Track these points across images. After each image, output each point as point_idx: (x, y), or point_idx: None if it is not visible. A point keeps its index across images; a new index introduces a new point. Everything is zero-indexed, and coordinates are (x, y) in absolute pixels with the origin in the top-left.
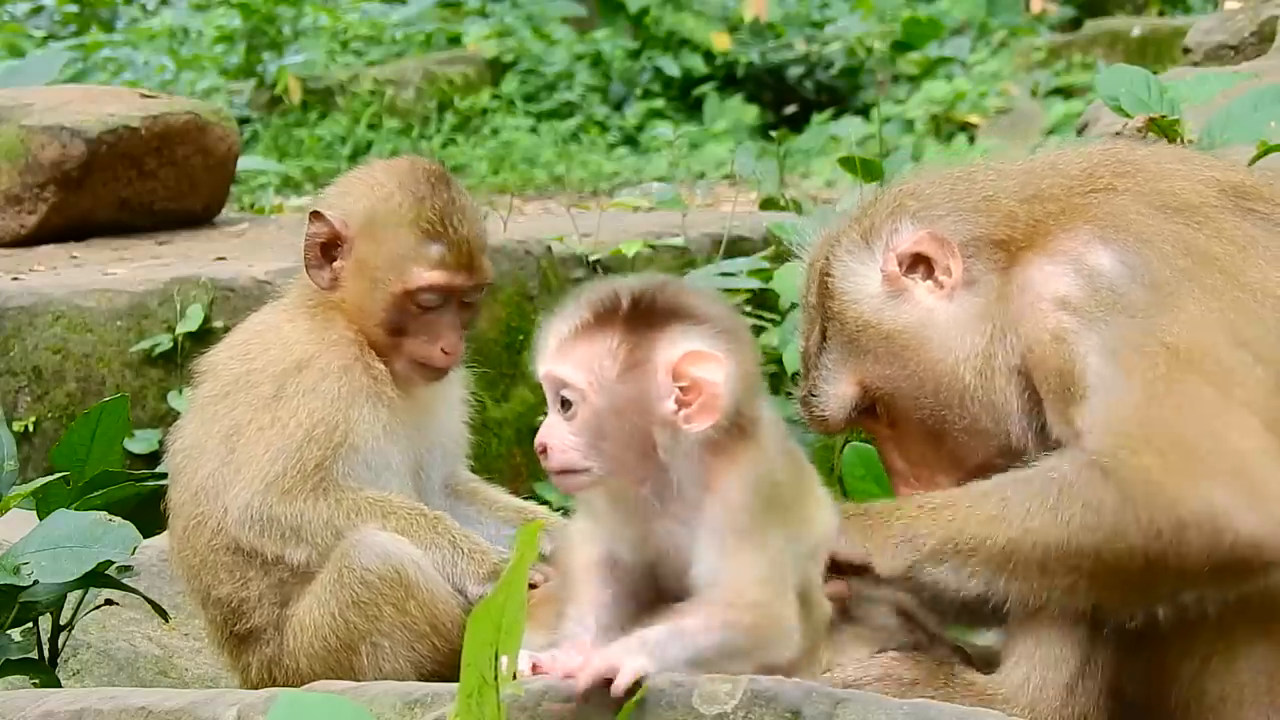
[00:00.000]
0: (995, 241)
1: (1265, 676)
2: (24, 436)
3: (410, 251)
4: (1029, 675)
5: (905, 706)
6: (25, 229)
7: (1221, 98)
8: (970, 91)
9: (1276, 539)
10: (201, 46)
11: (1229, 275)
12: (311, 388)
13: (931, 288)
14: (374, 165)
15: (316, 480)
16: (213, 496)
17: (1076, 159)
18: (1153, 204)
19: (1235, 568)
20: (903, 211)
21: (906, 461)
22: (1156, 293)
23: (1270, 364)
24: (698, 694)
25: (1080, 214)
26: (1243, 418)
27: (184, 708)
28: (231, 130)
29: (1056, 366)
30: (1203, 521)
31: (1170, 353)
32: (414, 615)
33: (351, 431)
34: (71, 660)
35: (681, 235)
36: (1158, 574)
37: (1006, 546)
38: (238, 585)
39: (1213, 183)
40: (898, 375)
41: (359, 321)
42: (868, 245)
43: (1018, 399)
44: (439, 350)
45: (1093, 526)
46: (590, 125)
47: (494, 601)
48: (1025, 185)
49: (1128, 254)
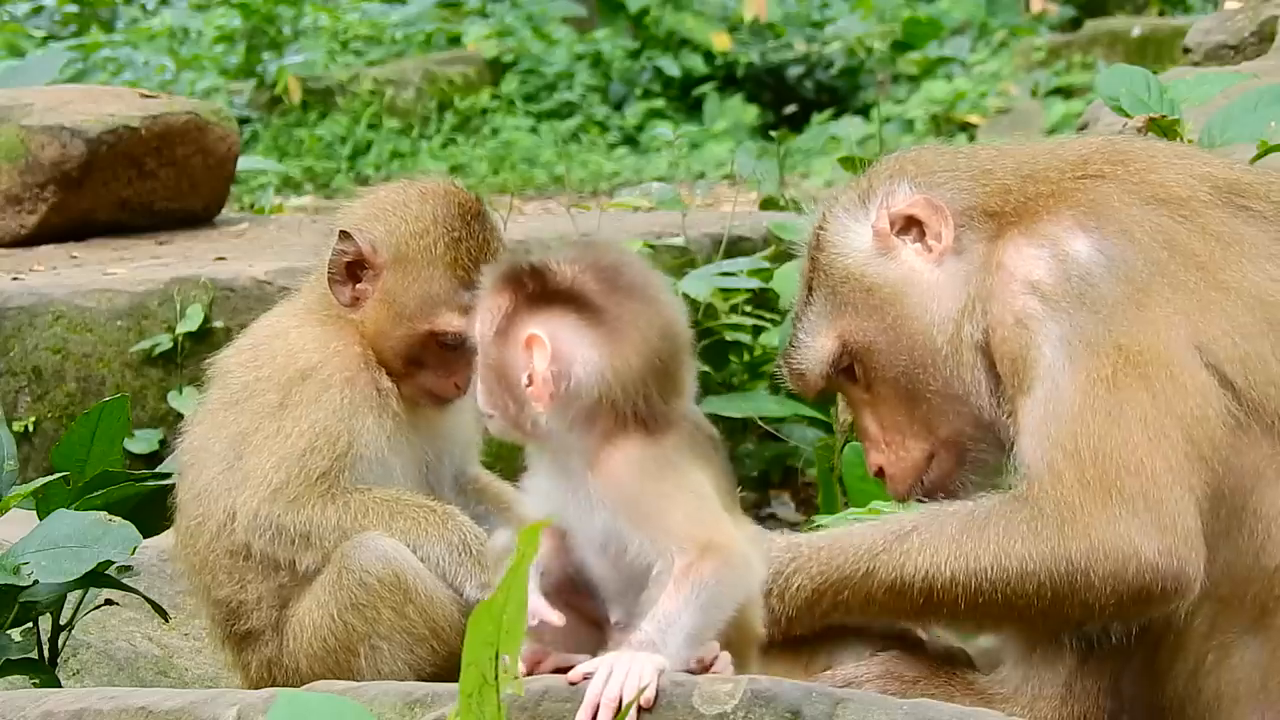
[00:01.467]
0: (988, 213)
1: (1259, 674)
2: (24, 436)
3: (441, 295)
4: (1028, 675)
5: (905, 706)
6: (25, 229)
7: (1221, 98)
8: (970, 91)
9: (1174, 571)
10: (201, 46)
11: (1206, 272)
12: (314, 398)
13: (920, 250)
14: (408, 188)
15: (323, 488)
16: (214, 499)
17: (1076, 145)
18: (1140, 194)
19: (1137, 598)
20: (901, 175)
21: (880, 427)
22: (1127, 286)
23: (1231, 363)
24: (698, 694)
25: (1066, 198)
26: (1171, 438)
27: (184, 708)
28: (231, 130)
29: (1013, 351)
30: (1110, 549)
31: (1121, 355)
32: (412, 619)
33: (355, 441)
34: (71, 660)
35: (681, 235)
36: (1064, 604)
37: (926, 578)
38: (236, 587)
39: (1206, 178)
40: (875, 329)
41: (375, 344)
42: (863, 204)
43: (984, 375)
44: (452, 384)
45: (1006, 553)
46: (590, 125)
47: (494, 601)
48: (1023, 164)
49: (1106, 243)
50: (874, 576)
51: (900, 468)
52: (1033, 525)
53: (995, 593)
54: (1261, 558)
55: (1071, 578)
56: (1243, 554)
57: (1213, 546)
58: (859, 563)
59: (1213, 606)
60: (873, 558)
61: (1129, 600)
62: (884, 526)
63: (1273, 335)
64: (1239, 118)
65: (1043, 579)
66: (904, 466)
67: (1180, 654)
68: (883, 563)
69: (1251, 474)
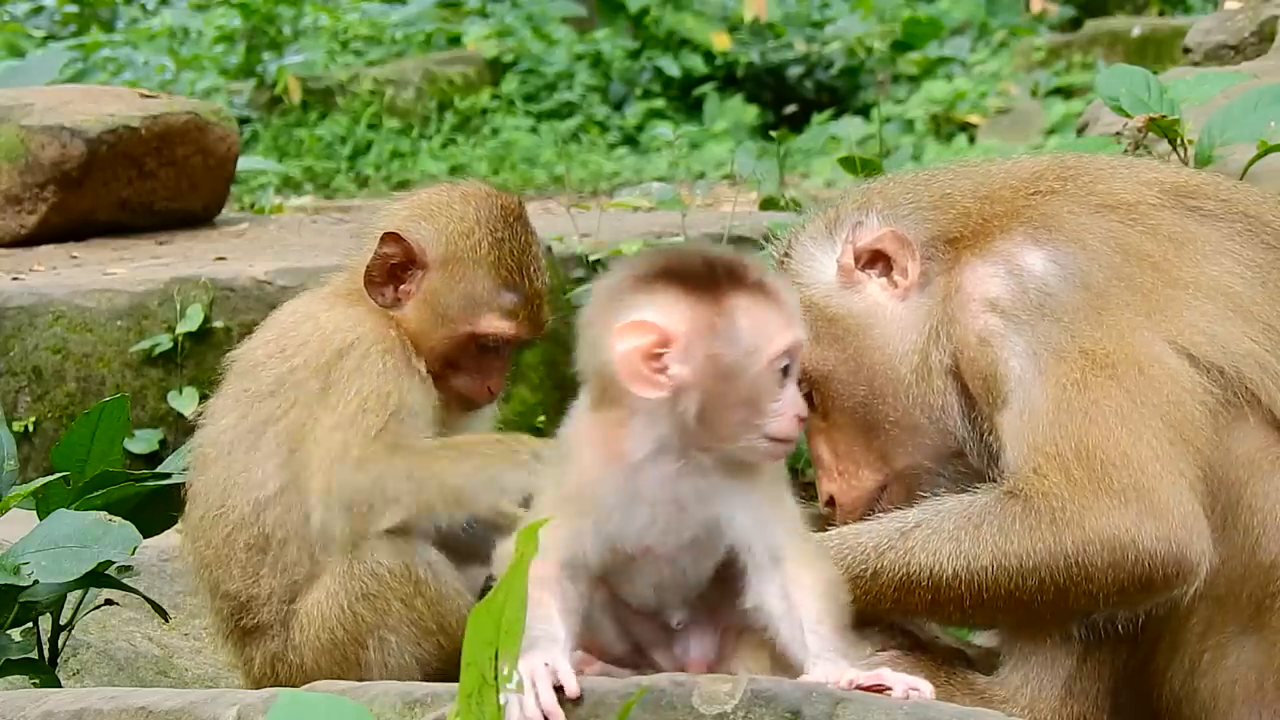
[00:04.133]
0: (949, 240)
1: (1254, 674)
2: (24, 436)
3: (484, 296)
4: (1028, 676)
5: (905, 706)
6: (25, 229)
7: (1221, 98)
8: (970, 91)
9: (1174, 556)
10: (201, 46)
11: (1161, 272)
12: (357, 368)
13: (885, 285)
14: (450, 191)
15: (387, 442)
16: (241, 491)
17: (1029, 163)
18: (1088, 204)
19: (1139, 585)
20: (869, 207)
21: (834, 455)
22: (1085, 293)
23: (1207, 351)
24: (698, 694)
25: (1019, 216)
26: (1152, 427)
27: (184, 708)
28: (231, 130)
29: (982, 370)
30: (1105, 540)
31: (1089, 359)
32: (421, 612)
33: (406, 398)
34: (71, 660)
35: (681, 235)
36: (1067, 595)
37: (931, 576)
38: (249, 581)
39: (1154, 183)
40: (835, 359)
41: (413, 343)
42: (829, 235)
43: (956, 399)
44: (486, 389)
45: (1004, 551)
46: (590, 125)
47: (494, 601)
48: (980, 185)
49: (1059, 254)
50: (881, 576)
51: (851, 497)
52: (1026, 523)
53: (999, 588)
54: (1257, 553)
55: (1071, 571)
56: (1238, 550)
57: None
58: (866, 563)
59: (1209, 606)
60: (879, 556)
61: (1132, 588)
62: (888, 524)
63: (1240, 321)
64: (1239, 118)
65: (1044, 575)
66: (855, 496)
67: (1176, 655)
68: (889, 561)
69: (1246, 466)
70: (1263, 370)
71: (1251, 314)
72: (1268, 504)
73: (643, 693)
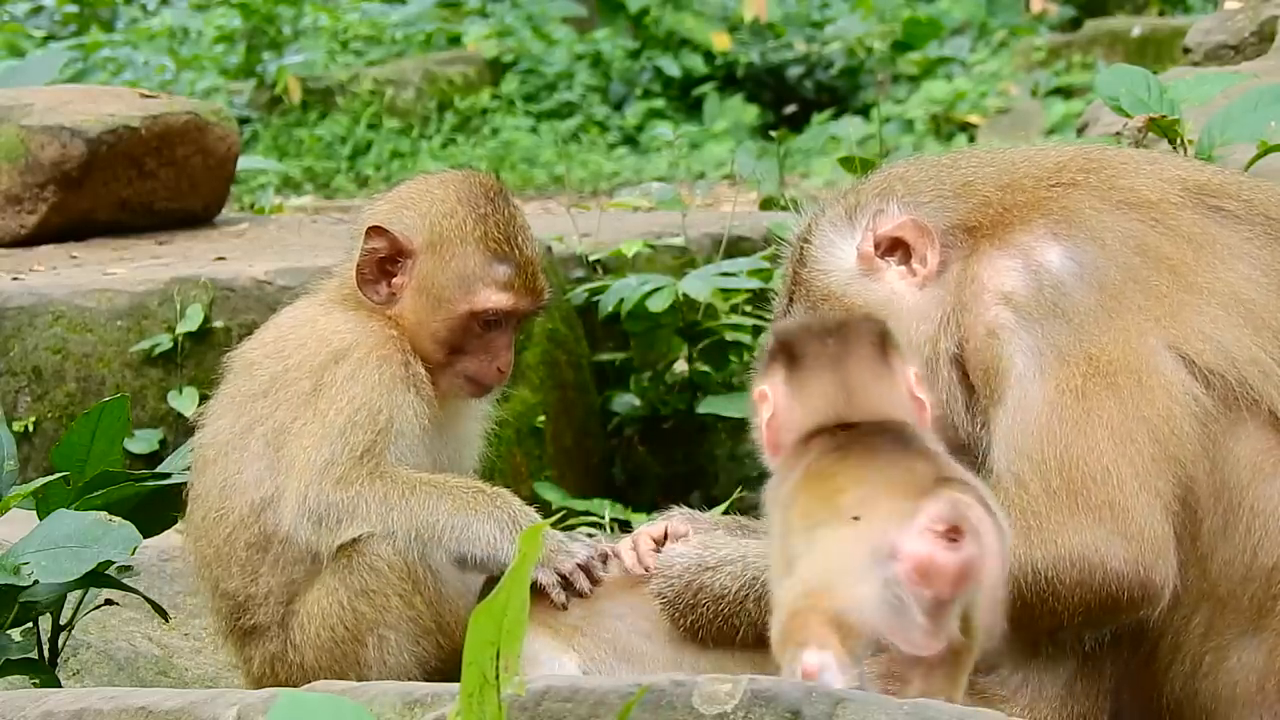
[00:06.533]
0: (968, 228)
1: (1256, 676)
2: (24, 436)
3: (478, 271)
4: (1028, 676)
5: (905, 706)
6: (25, 229)
7: (1221, 98)
8: (970, 91)
9: (1140, 580)
10: (201, 46)
11: (1178, 276)
12: (351, 376)
13: (904, 273)
14: (427, 179)
15: (370, 465)
16: (240, 492)
17: (1053, 153)
18: (1110, 200)
19: (1104, 606)
20: (890, 194)
21: None
22: (1099, 294)
23: (1211, 360)
24: (698, 694)
25: (1039, 207)
26: (1138, 443)
27: (184, 708)
28: (231, 130)
29: (986, 361)
30: (1075, 559)
31: (1091, 364)
32: (420, 609)
33: (395, 416)
34: (71, 660)
35: (681, 235)
36: (1033, 610)
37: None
38: (247, 580)
39: (1177, 180)
40: None
41: (414, 336)
42: (850, 221)
43: (961, 391)
44: (495, 369)
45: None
46: (590, 125)
47: (495, 601)
48: (1003, 172)
49: (1078, 251)
50: None
51: None
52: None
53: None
54: (1259, 555)
55: (1038, 586)
56: (1241, 552)
57: (1210, 546)
58: None
59: (1210, 608)
60: None
61: (1097, 609)
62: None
63: (1252, 330)
64: (1239, 118)
65: (1011, 588)
66: None
67: (1178, 656)
68: None
69: (1248, 469)
70: (1265, 376)
71: (1262, 320)
72: (1269, 507)
73: (643, 692)
